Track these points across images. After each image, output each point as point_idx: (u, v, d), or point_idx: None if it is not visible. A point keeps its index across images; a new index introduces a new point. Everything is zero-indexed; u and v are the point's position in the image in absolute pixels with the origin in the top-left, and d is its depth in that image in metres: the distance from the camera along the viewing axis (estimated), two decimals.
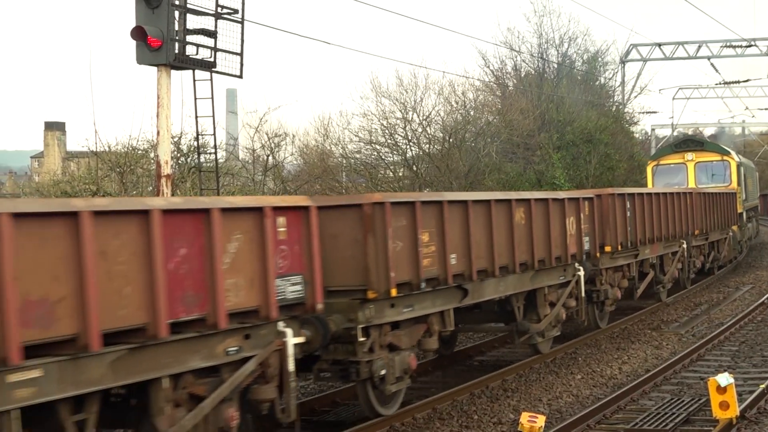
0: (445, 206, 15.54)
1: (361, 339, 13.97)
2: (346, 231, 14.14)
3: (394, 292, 14.15)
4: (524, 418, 13.19)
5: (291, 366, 11.83)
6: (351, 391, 16.92)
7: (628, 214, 24.08)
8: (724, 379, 13.80)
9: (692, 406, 15.22)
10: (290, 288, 11.85)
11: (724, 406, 13.82)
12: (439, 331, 15.92)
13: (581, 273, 20.54)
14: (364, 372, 14.05)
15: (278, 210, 11.75)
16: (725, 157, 37.78)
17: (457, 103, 40.91)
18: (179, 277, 10.18)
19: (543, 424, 13.09)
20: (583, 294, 20.67)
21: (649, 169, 38.55)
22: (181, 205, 10.59)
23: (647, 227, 25.56)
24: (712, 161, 37.20)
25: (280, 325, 11.70)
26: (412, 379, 15.67)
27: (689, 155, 37.35)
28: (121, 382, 9.68)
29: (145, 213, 9.85)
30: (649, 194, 26.45)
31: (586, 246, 21.15)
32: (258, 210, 11.41)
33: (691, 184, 36.40)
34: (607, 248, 22.77)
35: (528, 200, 18.43)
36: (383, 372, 14.29)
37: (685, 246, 29.04)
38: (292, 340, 11.85)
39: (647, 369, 18.94)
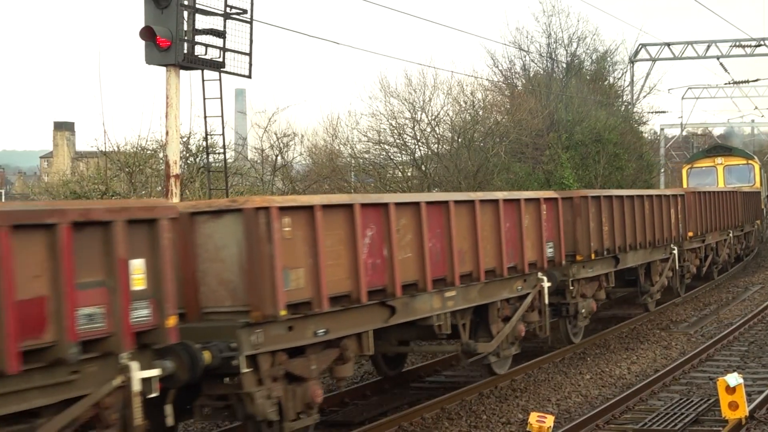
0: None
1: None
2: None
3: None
4: (533, 418, 13.18)
5: None
6: (359, 391, 16.95)
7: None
8: (734, 379, 13.78)
9: (701, 407, 15.20)
10: None
11: (733, 406, 13.80)
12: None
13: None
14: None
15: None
16: (750, 161, 43.33)
17: (465, 102, 40.90)
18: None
19: (552, 424, 13.08)
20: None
21: (684, 171, 43.39)
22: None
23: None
24: (738, 164, 42.43)
25: None
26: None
27: (719, 159, 42.55)
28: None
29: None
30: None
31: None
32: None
33: (720, 185, 40.69)
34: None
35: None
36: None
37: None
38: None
39: (656, 369, 18.91)
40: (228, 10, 19.42)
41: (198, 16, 18.79)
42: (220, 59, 19.34)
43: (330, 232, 12.64)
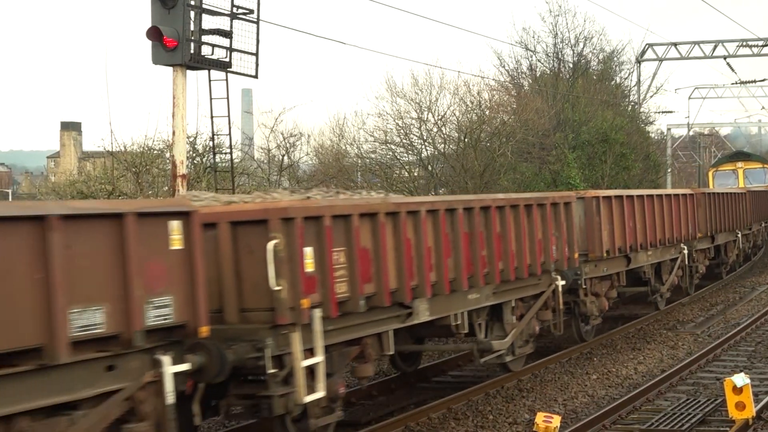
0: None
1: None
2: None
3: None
4: (539, 418, 13.18)
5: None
6: (365, 391, 16.95)
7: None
8: (740, 379, 13.77)
9: (708, 407, 15.18)
10: None
11: (740, 406, 13.79)
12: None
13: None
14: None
15: None
16: (765, 165, 49.83)
17: (472, 102, 40.88)
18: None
19: (558, 425, 13.08)
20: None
21: (710, 174, 50.17)
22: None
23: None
24: (755, 168, 49.06)
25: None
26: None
27: (739, 164, 49.45)
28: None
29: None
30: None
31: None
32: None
33: (741, 185, 46.29)
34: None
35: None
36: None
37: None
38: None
39: (663, 369, 18.89)
40: (234, 10, 19.44)
41: (204, 16, 18.81)
42: (227, 59, 19.36)
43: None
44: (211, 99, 19.90)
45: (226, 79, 19.75)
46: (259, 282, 11.89)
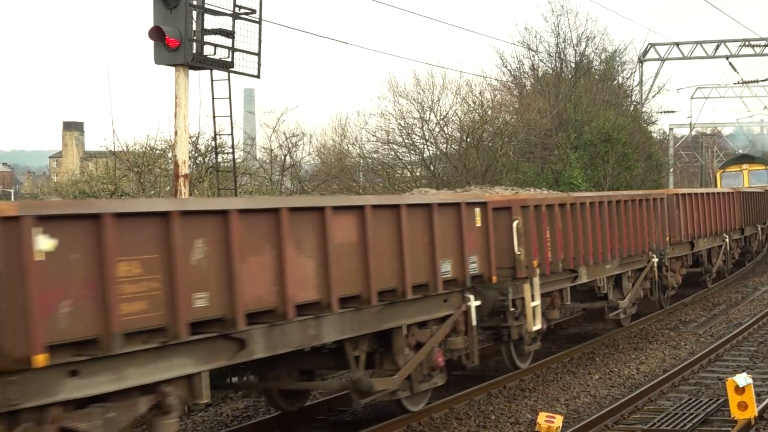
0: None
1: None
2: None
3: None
4: (541, 418, 13.18)
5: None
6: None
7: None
8: (743, 379, 13.77)
9: (710, 407, 15.19)
10: None
11: (742, 406, 13.79)
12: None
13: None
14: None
15: None
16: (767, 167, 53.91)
17: (474, 102, 40.87)
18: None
19: (560, 424, 13.08)
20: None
21: (718, 174, 53.91)
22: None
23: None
24: (759, 170, 52.46)
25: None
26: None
27: (744, 165, 53.04)
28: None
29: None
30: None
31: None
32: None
33: (746, 185, 49.67)
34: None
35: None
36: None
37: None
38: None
39: (665, 369, 18.89)
40: (237, 10, 19.42)
41: (207, 16, 18.78)
42: (229, 59, 19.34)
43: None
44: (213, 99, 19.88)
45: (228, 79, 19.73)
46: (504, 249, 17.31)
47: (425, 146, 39.76)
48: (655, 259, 23.98)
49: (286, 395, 15.13)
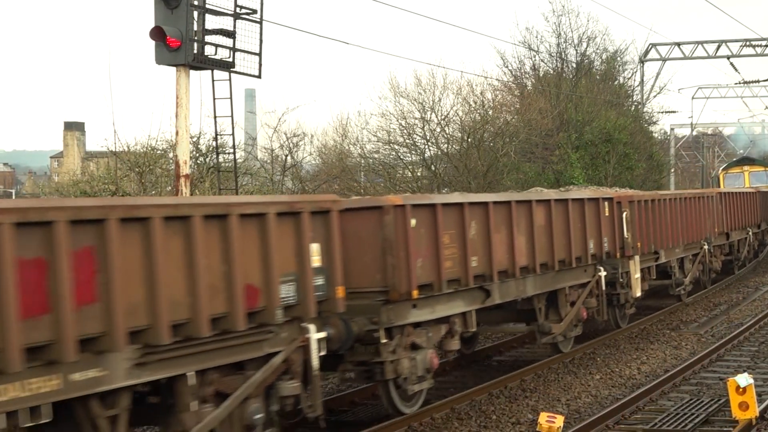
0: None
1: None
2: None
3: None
4: (543, 418, 13.18)
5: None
6: (368, 390, 16.95)
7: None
8: (744, 379, 13.76)
9: (711, 407, 15.18)
10: None
11: (743, 406, 13.78)
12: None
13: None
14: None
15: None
16: (766, 168, 55.59)
17: (475, 102, 40.83)
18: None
19: (561, 425, 13.07)
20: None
21: (721, 175, 55.56)
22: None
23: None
24: (758, 171, 54.35)
25: None
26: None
27: (745, 167, 55.05)
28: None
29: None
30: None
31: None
32: None
33: (746, 185, 51.70)
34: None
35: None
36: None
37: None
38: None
39: (666, 369, 18.89)
40: (238, 10, 19.44)
41: (208, 16, 18.80)
42: (230, 59, 19.35)
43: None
44: (214, 99, 19.90)
45: (230, 79, 19.75)
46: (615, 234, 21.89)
47: (426, 146, 39.74)
48: (706, 247, 29.44)
49: (464, 341, 18.32)
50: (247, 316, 10.85)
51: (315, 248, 12.07)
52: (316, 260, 12.06)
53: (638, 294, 23.24)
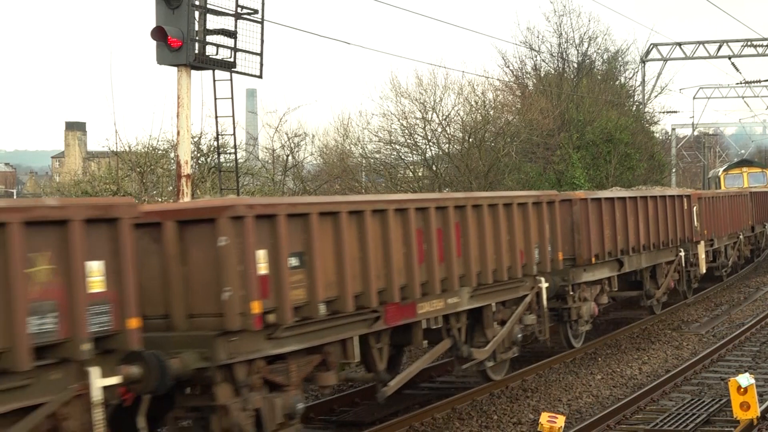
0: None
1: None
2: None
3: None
4: (544, 418, 13.18)
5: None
6: (370, 391, 16.96)
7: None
8: (745, 379, 13.76)
9: (713, 407, 15.18)
10: None
11: (744, 406, 13.78)
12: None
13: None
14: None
15: None
16: (764, 170, 57.94)
17: (476, 102, 40.81)
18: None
19: (563, 425, 13.07)
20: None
21: (722, 176, 57.33)
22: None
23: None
24: (756, 172, 56.80)
25: None
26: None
27: (744, 168, 57.38)
28: None
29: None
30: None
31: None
32: None
33: (746, 185, 53.44)
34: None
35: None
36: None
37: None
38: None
39: (667, 369, 18.89)
40: (239, 10, 19.44)
41: (209, 17, 18.80)
42: (231, 59, 19.35)
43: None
44: (215, 99, 19.90)
45: (231, 79, 19.75)
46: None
47: (428, 146, 39.73)
48: (742, 237, 35.11)
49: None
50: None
51: None
52: None
53: (704, 270, 28.91)
